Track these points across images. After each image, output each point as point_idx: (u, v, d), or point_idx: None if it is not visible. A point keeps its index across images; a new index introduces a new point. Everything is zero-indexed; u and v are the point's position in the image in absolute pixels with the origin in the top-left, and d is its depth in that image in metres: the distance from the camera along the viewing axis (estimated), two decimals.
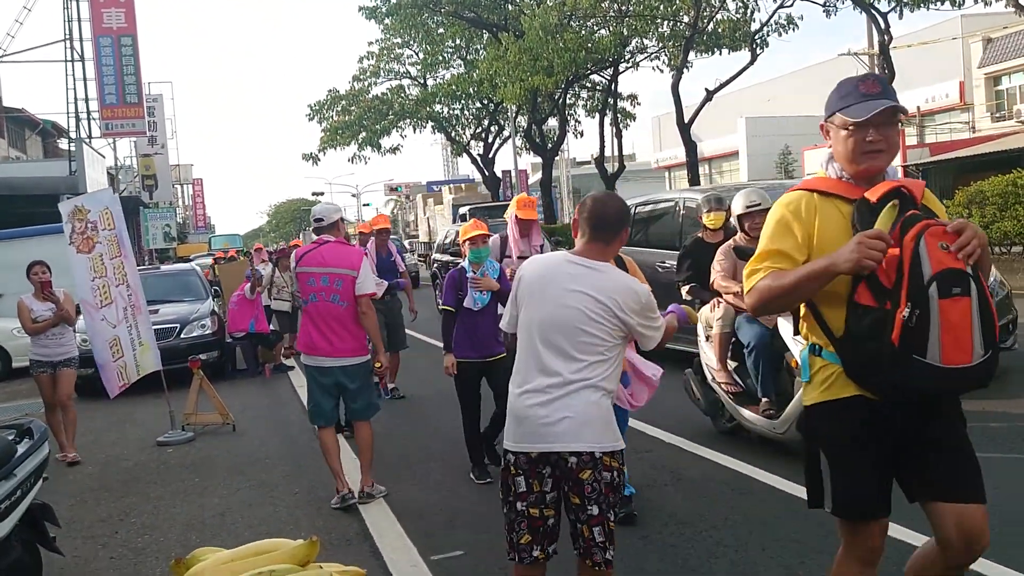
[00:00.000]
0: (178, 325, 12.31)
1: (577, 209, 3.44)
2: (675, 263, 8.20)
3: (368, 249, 9.05)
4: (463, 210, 30.30)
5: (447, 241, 21.92)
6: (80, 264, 8.74)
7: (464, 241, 6.24)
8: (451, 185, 45.75)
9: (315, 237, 6.23)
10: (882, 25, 20.83)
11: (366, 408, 6.11)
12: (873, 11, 21.31)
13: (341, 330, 5.92)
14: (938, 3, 19.55)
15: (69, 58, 27.61)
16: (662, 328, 3.38)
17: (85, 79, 27.81)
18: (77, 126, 27.70)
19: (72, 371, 8.40)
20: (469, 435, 6.37)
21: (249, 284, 12.82)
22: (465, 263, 6.26)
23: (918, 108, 36.40)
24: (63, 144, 31.41)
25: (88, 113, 28.03)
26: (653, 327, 3.33)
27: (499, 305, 5.98)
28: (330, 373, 5.97)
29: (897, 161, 30.42)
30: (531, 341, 3.30)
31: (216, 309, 13.49)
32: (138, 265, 12.44)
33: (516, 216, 6.87)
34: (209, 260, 23.51)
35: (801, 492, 5.28)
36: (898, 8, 20.41)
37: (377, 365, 6.25)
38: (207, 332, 12.47)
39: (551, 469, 3.22)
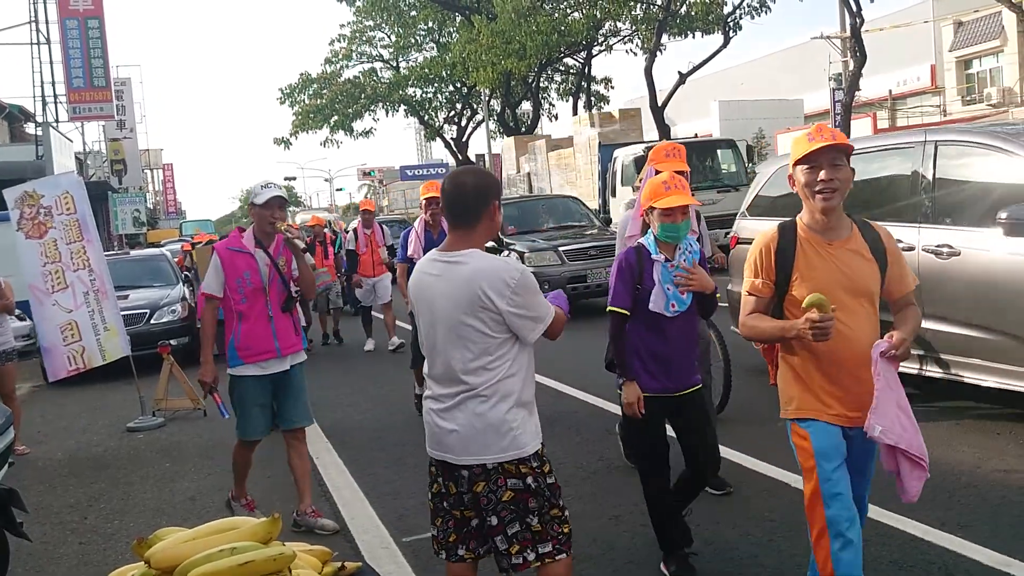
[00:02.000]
0: (148, 311, 12.19)
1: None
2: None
3: (417, 229, 7.87)
4: (628, 152, 19.13)
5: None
6: (29, 249, 8.60)
7: (652, 210, 3.97)
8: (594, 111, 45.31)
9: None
10: (854, 8, 20.92)
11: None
12: None
13: None
14: None
15: (35, 41, 27.16)
16: (547, 315, 3.05)
17: (52, 62, 27.38)
18: (44, 110, 27.28)
19: (12, 365, 8.17)
20: (658, 510, 4.25)
21: None
22: (647, 242, 4.04)
23: (890, 91, 36.70)
24: (30, 129, 30.94)
25: (55, 97, 27.61)
26: (530, 315, 2.98)
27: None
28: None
29: None
30: (425, 347, 3.14)
31: (187, 295, 13.36)
32: (107, 250, 12.31)
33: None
34: (179, 247, 23.16)
35: (773, 471, 5.34)
36: None
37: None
38: (177, 318, 12.35)
39: (451, 475, 3.08)
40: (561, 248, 13.11)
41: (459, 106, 37.22)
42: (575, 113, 31.15)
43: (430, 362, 3.12)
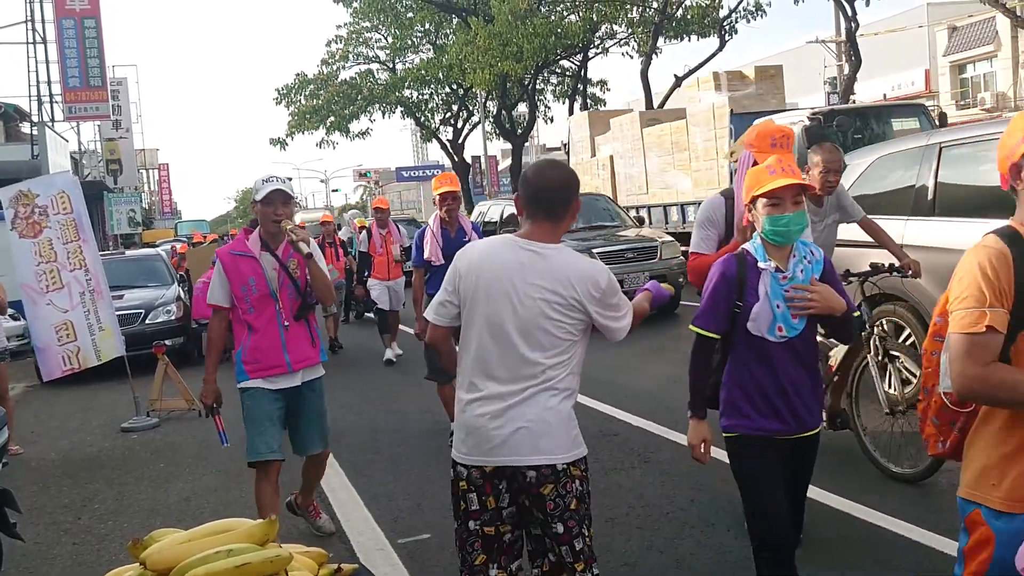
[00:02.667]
0: (143, 311, 12.18)
1: (519, 184, 3.02)
2: None
3: (432, 228, 6.90)
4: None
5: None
6: (23, 249, 8.58)
7: (755, 202, 3.25)
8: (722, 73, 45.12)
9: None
10: (849, 13, 20.97)
11: None
12: None
13: None
14: None
15: (31, 40, 27.09)
16: (629, 315, 2.98)
17: (48, 61, 27.31)
18: (39, 109, 27.21)
19: (4, 365, 8.16)
20: None
21: None
22: (753, 247, 3.27)
23: (884, 96, 36.77)
24: (25, 128, 30.85)
25: (51, 96, 27.53)
26: (618, 316, 2.94)
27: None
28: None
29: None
30: (480, 341, 2.89)
31: (182, 295, 13.34)
32: (102, 251, 12.29)
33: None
34: (170, 247, 22.97)
35: None
36: None
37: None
38: (172, 318, 12.35)
39: (507, 483, 2.87)
40: (596, 251, 12.07)
41: (455, 108, 37.18)
42: (571, 115, 31.18)
43: (485, 357, 2.88)
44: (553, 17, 25.93)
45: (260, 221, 4.62)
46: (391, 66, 35.74)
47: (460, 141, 37.53)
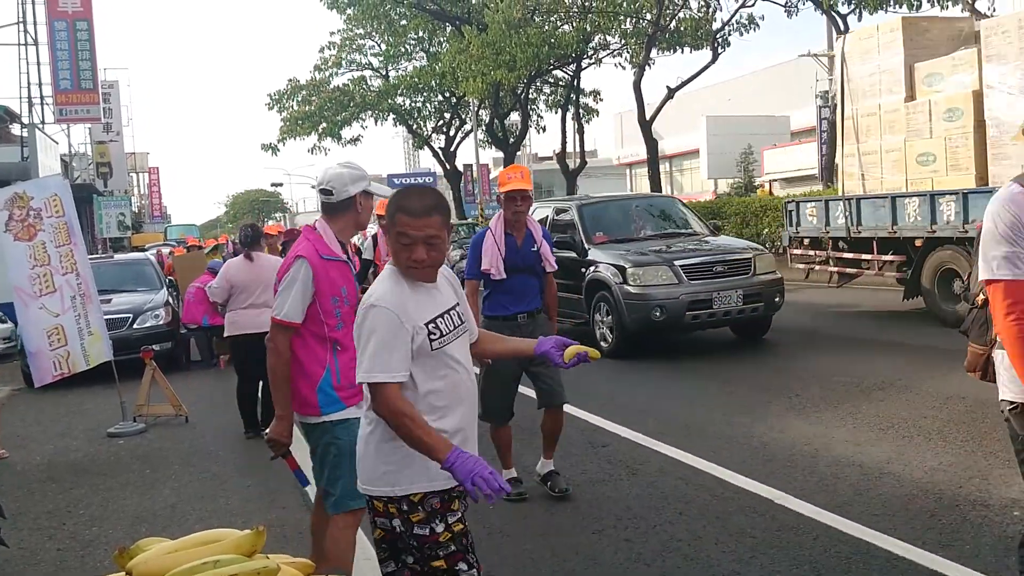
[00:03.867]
0: (131, 315, 12.12)
1: None
2: None
3: (494, 233, 5.59)
4: None
5: None
6: (17, 252, 8.52)
7: None
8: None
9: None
10: (842, 27, 21.08)
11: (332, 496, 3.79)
12: (833, 13, 21.57)
13: None
14: (896, 6, 19.83)
15: (22, 42, 27.04)
16: (363, 358, 2.65)
17: (39, 63, 27.26)
18: (30, 111, 27.15)
19: None
20: None
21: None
22: None
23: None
24: (16, 130, 30.75)
25: (41, 98, 27.48)
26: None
27: None
28: None
29: None
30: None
31: (171, 300, 13.29)
32: (91, 254, 12.23)
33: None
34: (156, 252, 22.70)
35: (757, 488, 5.35)
36: (857, 10, 20.69)
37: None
38: (160, 323, 12.29)
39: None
40: (678, 263, 10.27)
41: (448, 116, 37.21)
42: (563, 125, 31.21)
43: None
44: (547, 27, 25.97)
45: (357, 218, 3.92)
46: (384, 73, 35.76)
47: (452, 149, 37.56)
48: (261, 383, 7.75)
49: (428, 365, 2.69)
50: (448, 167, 37.31)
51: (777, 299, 10.58)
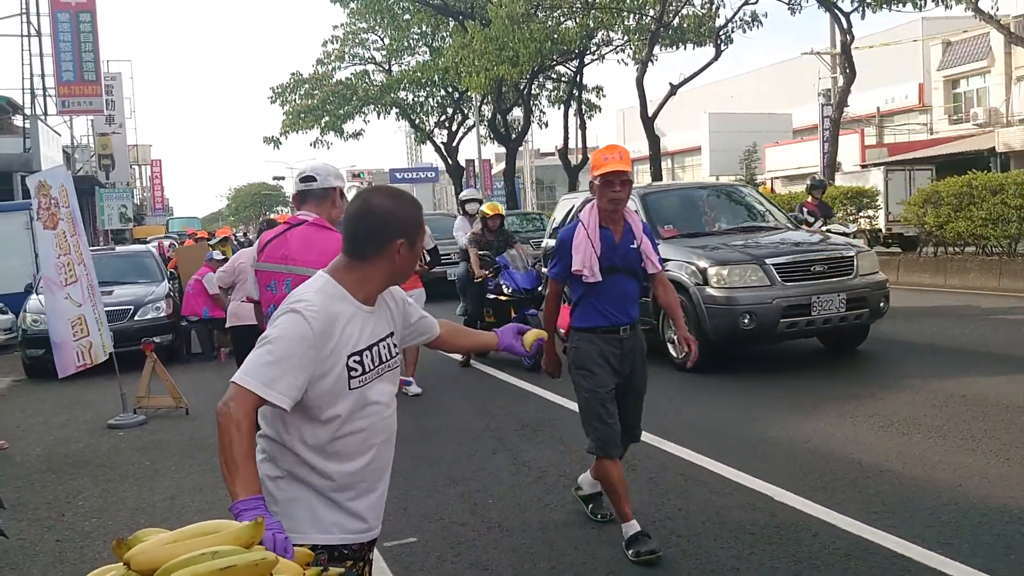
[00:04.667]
0: (132, 307, 12.14)
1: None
2: None
3: (586, 225, 4.62)
4: None
5: None
6: (46, 240, 8.68)
7: None
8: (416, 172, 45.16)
9: (297, 211, 4.29)
10: (844, 25, 21.06)
11: None
12: (836, 10, 21.52)
13: None
14: (900, 5, 19.79)
15: (25, 33, 27.00)
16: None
17: (42, 55, 27.22)
18: (32, 103, 27.11)
19: None
20: None
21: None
22: None
23: (878, 109, 36.94)
24: (18, 121, 30.72)
25: (44, 90, 27.44)
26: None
27: None
28: None
29: (855, 160, 30.82)
30: None
31: (172, 292, 13.31)
32: (92, 246, 12.25)
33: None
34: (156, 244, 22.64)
35: (756, 484, 5.35)
36: (861, 8, 20.65)
37: None
38: (161, 315, 12.32)
39: None
40: (771, 261, 8.79)
41: (450, 111, 37.21)
42: (565, 121, 31.19)
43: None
44: (550, 22, 25.95)
45: (331, 211, 4.18)
46: (387, 67, 35.76)
47: (454, 144, 37.56)
48: None
49: (341, 401, 2.32)
50: (450, 162, 37.31)
51: (882, 304, 9.12)
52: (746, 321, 8.57)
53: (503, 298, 10.00)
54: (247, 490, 2.11)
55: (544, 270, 8.30)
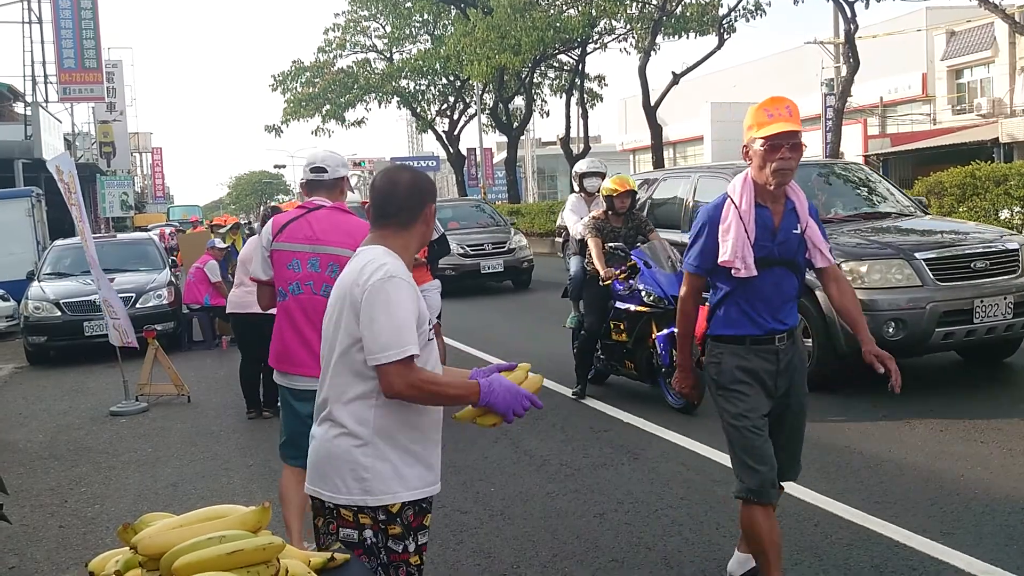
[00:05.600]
0: (133, 295, 12.13)
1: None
2: None
3: (737, 201, 3.69)
4: None
5: None
6: (75, 222, 8.92)
7: None
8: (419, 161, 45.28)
9: (308, 198, 4.37)
10: (848, 14, 20.96)
11: None
12: (840, 0, 21.43)
13: None
14: None
15: (26, 20, 26.93)
16: (378, 350, 2.43)
17: (43, 42, 27.16)
18: (33, 90, 27.06)
19: None
20: None
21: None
22: None
23: (881, 99, 36.83)
24: (19, 108, 30.67)
25: (45, 77, 27.38)
26: (371, 340, 2.44)
27: None
28: (313, 399, 4.01)
29: (858, 151, 30.73)
30: None
31: (174, 279, 13.31)
32: (94, 233, 12.25)
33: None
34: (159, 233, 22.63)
35: None
36: None
37: None
38: (163, 302, 12.32)
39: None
40: (921, 255, 7.11)
41: (452, 99, 37.13)
42: (567, 110, 31.12)
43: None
44: (552, 11, 25.87)
45: (340, 199, 4.37)
46: (388, 56, 35.66)
47: (456, 133, 37.49)
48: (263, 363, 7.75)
49: (423, 352, 2.53)
50: (451, 151, 37.25)
51: None
52: (891, 331, 6.87)
53: (643, 309, 7.23)
54: (474, 392, 2.51)
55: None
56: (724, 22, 23.80)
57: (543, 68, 32.02)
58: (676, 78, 24.73)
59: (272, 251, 4.25)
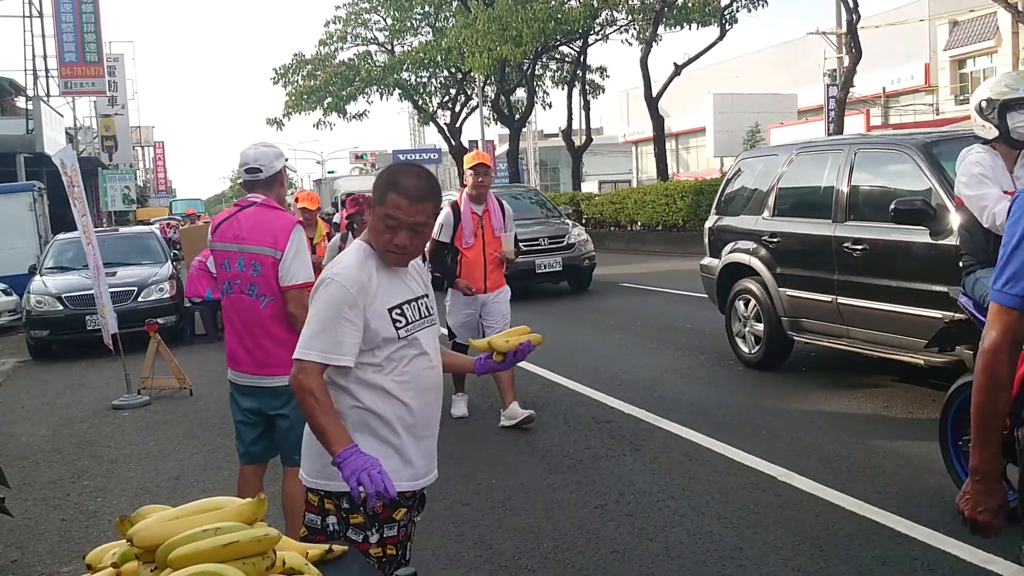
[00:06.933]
0: (135, 288, 12.14)
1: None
2: None
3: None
4: None
5: None
6: (78, 217, 8.87)
7: None
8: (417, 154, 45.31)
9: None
10: (851, 4, 20.89)
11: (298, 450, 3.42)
12: None
13: (263, 337, 4.09)
14: None
15: (27, 13, 26.92)
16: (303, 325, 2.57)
17: (44, 35, 27.15)
18: (35, 84, 27.06)
19: None
20: None
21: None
22: None
23: (883, 89, 36.72)
24: (20, 102, 30.67)
25: (46, 71, 27.40)
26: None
27: None
28: (253, 395, 4.20)
29: None
30: None
31: (176, 273, 13.32)
32: (96, 227, 12.26)
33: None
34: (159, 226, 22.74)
35: (760, 464, 5.35)
36: None
37: None
38: (165, 296, 12.31)
39: None
40: None
41: (453, 91, 37.05)
42: (569, 102, 31.05)
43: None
44: (553, 2, 25.80)
45: (280, 191, 4.43)
46: (390, 48, 35.58)
47: (458, 125, 37.41)
48: None
49: (391, 352, 2.53)
50: (453, 143, 37.19)
51: None
52: None
53: None
54: (340, 443, 2.36)
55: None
56: (726, 13, 23.75)
57: (544, 60, 31.96)
58: (678, 69, 24.69)
59: (212, 251, 4.36)
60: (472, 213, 6.74)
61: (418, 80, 35.75)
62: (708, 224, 9.06)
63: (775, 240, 7.66)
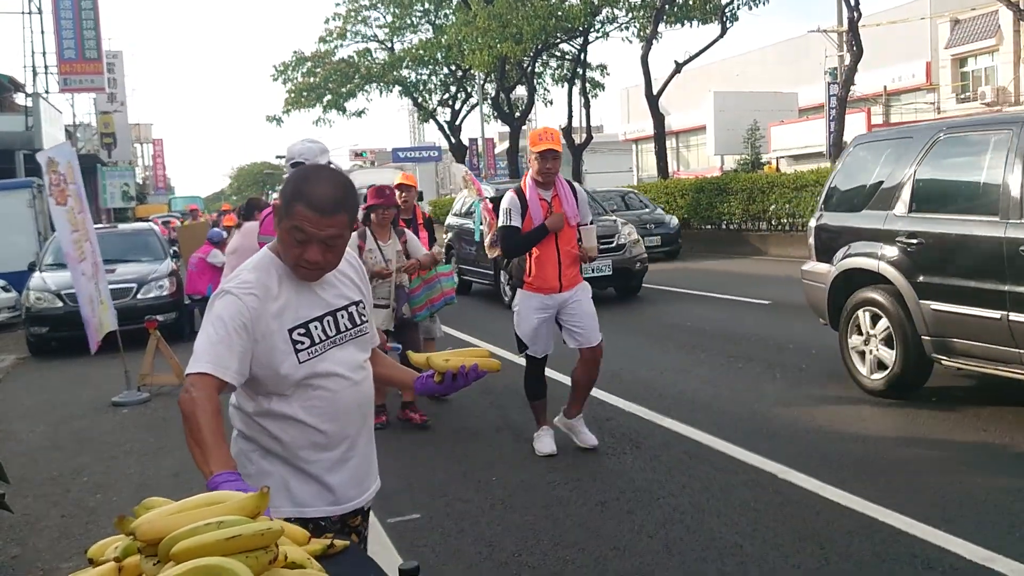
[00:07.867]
0: (135, 285, 12.14)
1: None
2: None
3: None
4: None
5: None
6: (60, 216, 8.78)
7: None
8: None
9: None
10: (852, 2, 20.89)
11: None
12: None
13: None
14: None
15: (27, 10, 26.91)
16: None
17: (43, 32, 27.14)
18: (34, 80, 27.06)
19: None
20: None
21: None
22: None
23: (885, 87, 36.72)
24: (20, 99, 30.66)
25: (46, 68, 27.37)
26: None
27: None
28: None
29: None
30: None
31: (176, 269, 13.32)
32: (95, 224, 12.24)
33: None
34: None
35: (760, 462, 5.35)
36: None
37: None
38: (164, 293, 12.32)
39: None
40: None
41: (453, 89, 37.06)
42: (569, 100, 31.05)
43: None
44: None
45: None
46: (389, 45, 35.59)
47: (458, 123, 37.43)
48: None
49: (296, 379, 2.29)
50: (453, 141, 37.19)
51: None
52: None
53: None
54: (220, 466, 2.11)
55: None
56: (727, 10, 23.76)
57: (545, 57, 31.95)
58: (679, 67, 24.70)
59: (260, 244, 4.31)
60: (540, 199, 5.77)
61: (418, 77, 35.79)
62: (813, 222, 7.63)
63: (915, 241, 6.23)
